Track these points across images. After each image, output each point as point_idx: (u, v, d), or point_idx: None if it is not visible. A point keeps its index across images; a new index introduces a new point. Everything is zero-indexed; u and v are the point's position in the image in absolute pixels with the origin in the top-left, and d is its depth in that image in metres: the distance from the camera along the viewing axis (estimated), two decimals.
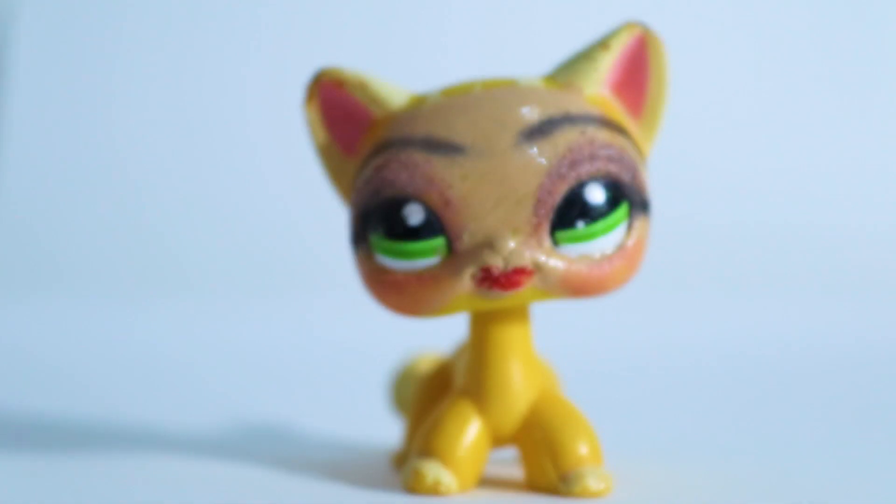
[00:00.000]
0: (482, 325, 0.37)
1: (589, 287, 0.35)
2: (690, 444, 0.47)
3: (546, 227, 0.34)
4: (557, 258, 0.34)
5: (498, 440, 0.37)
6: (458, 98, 0.36)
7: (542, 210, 0.34)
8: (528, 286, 0.34)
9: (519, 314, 0.37)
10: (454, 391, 0.38)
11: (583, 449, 0.36)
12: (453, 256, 0.35)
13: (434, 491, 0.36)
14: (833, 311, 0.75)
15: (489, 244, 0.34)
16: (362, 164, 0.36)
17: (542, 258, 0.34)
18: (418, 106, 0.36)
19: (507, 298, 0.34)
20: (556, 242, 0.34)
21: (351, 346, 0.70)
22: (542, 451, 0.36)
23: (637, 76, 0.37)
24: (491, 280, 0.34)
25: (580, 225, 0.34)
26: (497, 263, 0.34)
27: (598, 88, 0.36)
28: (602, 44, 0.36)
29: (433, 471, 0.36)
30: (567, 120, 0.35)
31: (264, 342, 0.75)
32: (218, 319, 0.81)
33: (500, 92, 0.36)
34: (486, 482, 0.38)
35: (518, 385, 0.37)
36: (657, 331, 0.77)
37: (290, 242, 0.81)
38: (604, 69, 0.36)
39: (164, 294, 0.80)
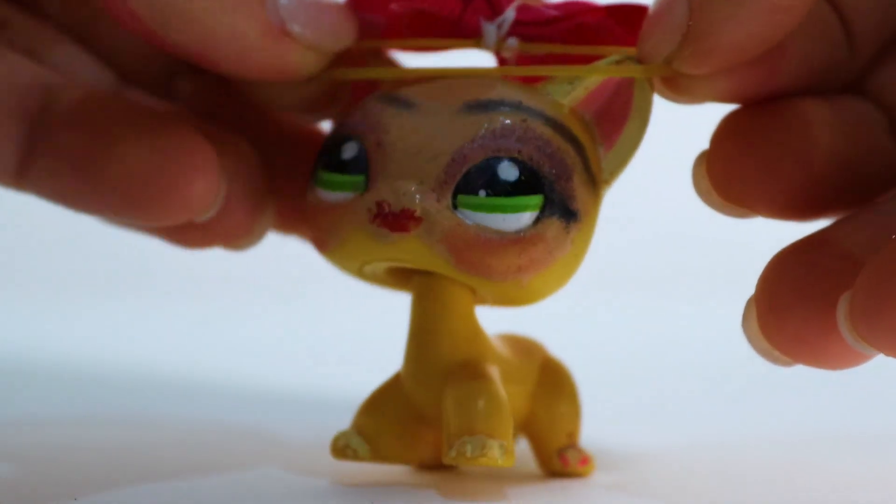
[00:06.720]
0: (414, 300, 0.37)
1: (474, 258, 0.34)
2: (690, 444, 0.47)
3: (451, 187, 0.35)
4: (449, 216, 0.34)
5: (431, 421, 0.37)
6: (442, 74, 0.37)
7: (452, 170, 0.35)
8: (413, 234, 0.34)
9: (448, 290, 0.36)
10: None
11: (474, 418, 0.35)
12: (364, 194, 0.35)
13: (343, 455, 0.37)
14: None
15: (390, 185, 0.35)
16: None
17: (433, 210, 0.34)
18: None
19: (395, 248, 0.35)
20: (455, 206, 0.35)
21: (353, 346, 0.71)
22: (443, 421, 0.36)
23: (615, 108, 0.36)
24: (381, 217, 0.34)
25: (481, 193, 0.34)
26: (389, 199, 0.34)
27: (569, 102, 0.36)
28: (589, 66, 0.36)
29: (344, 437, 0.37)
30: (514, 106, 0.35)
31: (266, 341, 0.75)
32: (219, 318, 0.81)
33: (476, 75, 0.37)
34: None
35: (432, 357, 0.37)
36: (659, 330, 0.77)
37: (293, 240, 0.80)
38: (581, 87, 0.36)
39: (164, 291, 0.80)
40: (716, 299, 0.79)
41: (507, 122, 0.35)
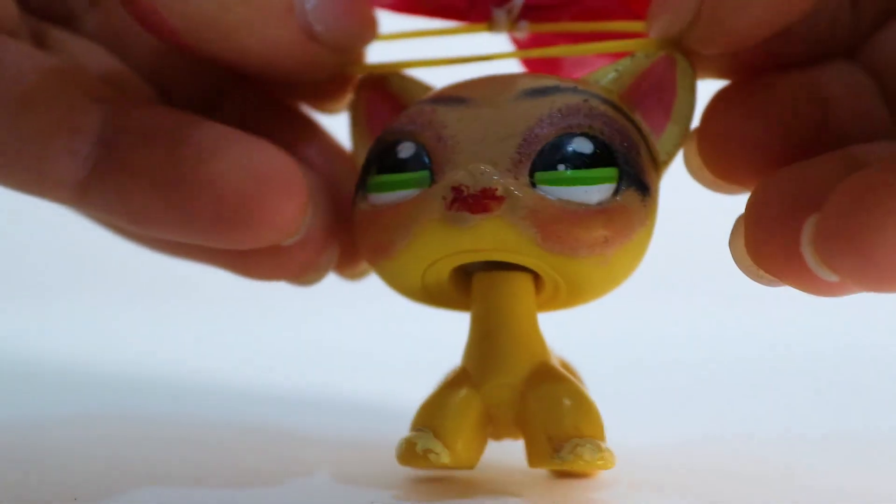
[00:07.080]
0: (480, 299, 0.37)
1: (561, 231, 0.34)
2: (690, 443, 0.47)
3: (526, 165, 0.34)
4: (531, 192, 0.34)
5: (497, 421, 0.37)
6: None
7: (525, 150, 0.34)
8: (496, 213, 0.33)
9: (516, 288, 0.36)
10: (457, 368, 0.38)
11: (580, 420, 0.35)
12: (433, 186, 0.35)
13: (425, 461, 0.35)
14: (833, 311, 0.75)
15: (464, 168, 0.34)
16: None
17: (514, 187, 0.34)
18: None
19: (473, 234, 0.34)
20: (534, 184, 0.34)
21: (373, 350, 0.71)
22: (537, 423, 0.35)
23: (662, 95, 0.36)
24: (460, 201, 0.33)
25: (560, 168, 0.34)
26: (467, 182, 0.34)
27: (616, 88, 0.37)
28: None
29: (423, 440, 0.35)
30: (572, 90, 0.36)
31: (278, 340, 0.76)
32: (229, 317, 0.81)
33: (518, 72, 0.37)
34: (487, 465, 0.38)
35: (511, 357, 0.36)
36: (658, 330, 0.77)
37: None
38: (626, 74, 0.36)
39: (175, 291, 0.80)
40: (716, 299, 0.79)
41: (570, 102, 0.35)
